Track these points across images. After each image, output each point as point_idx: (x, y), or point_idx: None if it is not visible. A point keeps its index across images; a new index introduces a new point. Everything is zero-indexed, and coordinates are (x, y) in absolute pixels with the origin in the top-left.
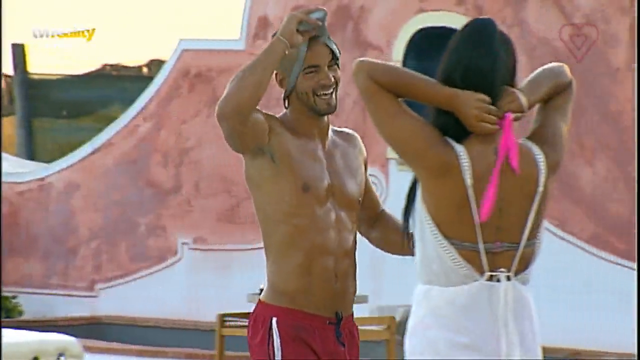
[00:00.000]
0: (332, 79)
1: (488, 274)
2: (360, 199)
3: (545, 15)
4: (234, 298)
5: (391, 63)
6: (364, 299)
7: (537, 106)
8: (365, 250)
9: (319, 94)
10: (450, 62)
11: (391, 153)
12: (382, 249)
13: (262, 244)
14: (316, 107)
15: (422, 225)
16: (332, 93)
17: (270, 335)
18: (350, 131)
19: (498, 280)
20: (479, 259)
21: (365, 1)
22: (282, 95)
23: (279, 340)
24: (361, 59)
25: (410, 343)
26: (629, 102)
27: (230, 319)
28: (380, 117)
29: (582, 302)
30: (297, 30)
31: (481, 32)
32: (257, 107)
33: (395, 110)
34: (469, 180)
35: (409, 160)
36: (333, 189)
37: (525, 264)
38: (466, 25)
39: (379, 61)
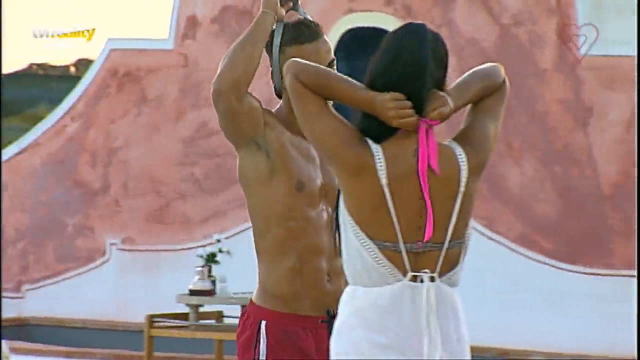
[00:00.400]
0: None
1: (411, 274)
2: None
3: (474, 16)
4: (163, 299)
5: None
6: None
7: (469, 106)
8: None
9: None
10: (379, 65)
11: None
12: None
13: (190, 245)
14: None
15: (346, 226)
16: None
17: (258, 338)
18: None
19: (422, 281)
20: (401, 259)
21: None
22: (273, 86)
23: (265, 345)
24: (293, 59)
25: (335, 343)
26: (555, 102)
27: (159, 319)
28: (303, 118)
29: (510, 302)
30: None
31: (411, 35)
32: (256, 98)
33: (318, 111)
34: (383, 180)
35: (329, 160)
36: (326, 187)
37: (450, 264)
38: (397, 29)
39: (308, 62)
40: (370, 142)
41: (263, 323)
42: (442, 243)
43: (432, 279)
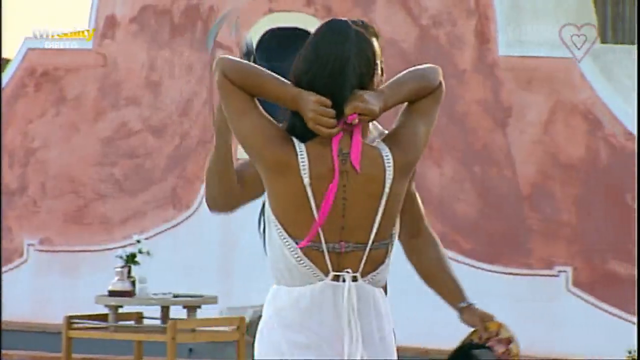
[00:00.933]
0: None
1: (333, 274)
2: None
3: (394, 17)
4: (82, 300)
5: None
6: (213, 300)
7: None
8: (214, 252)
9: None
10: (301, 64)
11: (242, 153)
12: (423, 280)
13: (110, 245)
14: None
15: (270, 224)
16: None
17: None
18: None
19: (344, 280)
20: (323, 259)
21: (215, 1)
22: None
23: None
24: (222, 55)
25: (257, 344)
26: (474, 103)
27: (77, 320)
28: (229, 114)
29: (429, 301)
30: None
31: (335, 34)
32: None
33: (244, 108)
34: (306, 179)
35: (251, 158)
36: None
37: (374, 264)
38: (322, 27)
39: (237, 59)
40: (295, 141)
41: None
42: (366, 243)
43: (355, 279)
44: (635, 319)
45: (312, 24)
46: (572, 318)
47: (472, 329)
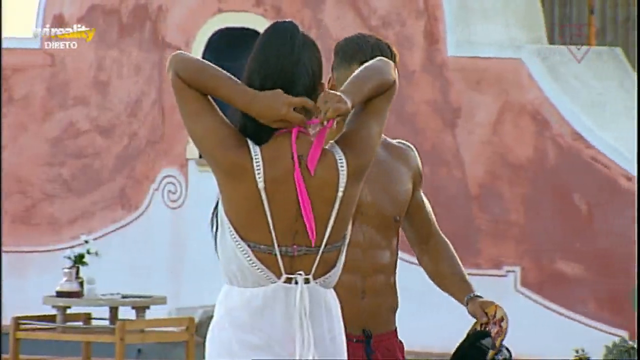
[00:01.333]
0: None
1: (285, 276)
2: (397, 216)
3: (343, 17)
4: (30, 301)
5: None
6: (162, 301)
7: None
8: (163, 253)
9: None
10: (252, 65)
11: (191, 153)
12: (434, 282)
13: (58, 246)
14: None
15: (223, 226)
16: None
17: None
18: (406, 145)
19: (296, 283)
20: (276, 261)
21: (164, 1)
22: None
23: None
24: (177, 51)
25: (208, 344)
26: (424, 103)
27: (25, 321)
28: (183, 114)
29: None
30: None
31: (282, 34)
32: None
33: (198, 109)
34: (260, 183)
35: (207, 160)
36: (362, 208)
37: (326, 267)
38: (268, 28)
39: (192, 56)
40: (250, 143)
41: None
42: (319, 247)
43: (307, 281)
44: (582, 319)
45: (261, 24)
46: (520, 318)
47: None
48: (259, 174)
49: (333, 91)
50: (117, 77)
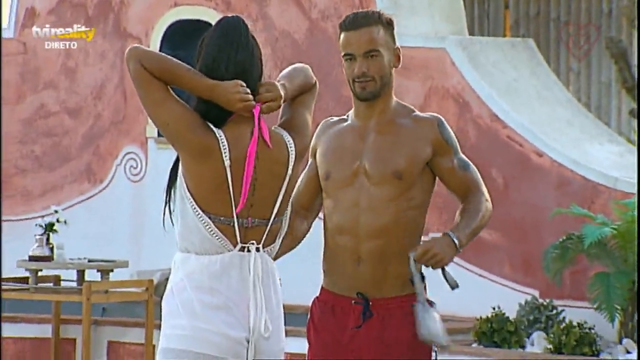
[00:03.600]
0: (367, 70)
1: (240, 245)
2: (396, 172)
3: (287, 11)
4: (5, 264)
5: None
6: (124, 264)
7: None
8: (125, 222)
9: (355, 80)
10: (209, 57)
11: (150, 132)
12: None
13: (30, 215)
14: (355, 92)
15: (183, 200)
16: (369, 81)
17: (310, 312)
18: (430, 116)
19: (249, 251)
20: (233, 232)
21: None
22: None
23: (309, 318)
24: (134, 45)
25: (166, 304)
26: None
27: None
28: (146, 102)
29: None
30: None
31: (235, 28)
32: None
33: (161, 96)
34: (227, 162)
35: (173, 142)
36: (363, 168)
37: (273, 237)
38: (218, 23)
39: (150, 49)
40: (212, 126)
41: (315, 298)
42: (269, 219)
43: (258, 250)
44: (499, 279)
45: (212, 17)
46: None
47: None
48: (225, 153)
49: (272, 82)
50: (83, 64)
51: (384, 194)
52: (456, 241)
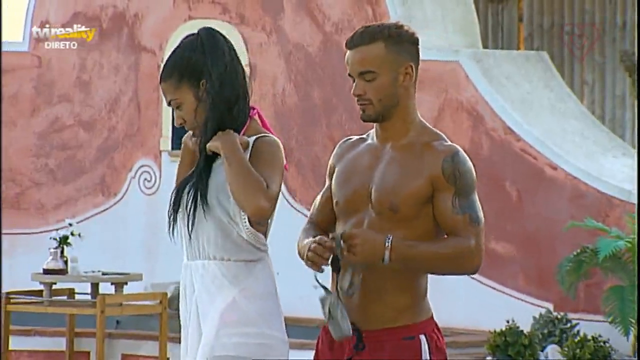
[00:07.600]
0: (363, 93)
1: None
2: (392, 205)
3: (300, 24)
4: (19, 278)
5: None
6: (138, 277)
7: None
8: (139, 235)
9: (357, 101)
10: (240, 74)
11: (164, 145)
12: None
13: (44, 228)
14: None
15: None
16: (367, 104)
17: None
18: (444, 147)
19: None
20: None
21: (139, 9)
22: None
23: (316, 345)
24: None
25: None
26: None
27: (15, 296)
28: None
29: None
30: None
31: (218, 38)
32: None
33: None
34: None
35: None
36: (369, 193)
37: None
38: (222, 36)
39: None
40: None
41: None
42: None
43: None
44: (513, 292)
45: (227, 30)
46: (458, 292)
47: None
48: None
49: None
50: (97, 77)
51: (382, 224)
52: (386, 253)
